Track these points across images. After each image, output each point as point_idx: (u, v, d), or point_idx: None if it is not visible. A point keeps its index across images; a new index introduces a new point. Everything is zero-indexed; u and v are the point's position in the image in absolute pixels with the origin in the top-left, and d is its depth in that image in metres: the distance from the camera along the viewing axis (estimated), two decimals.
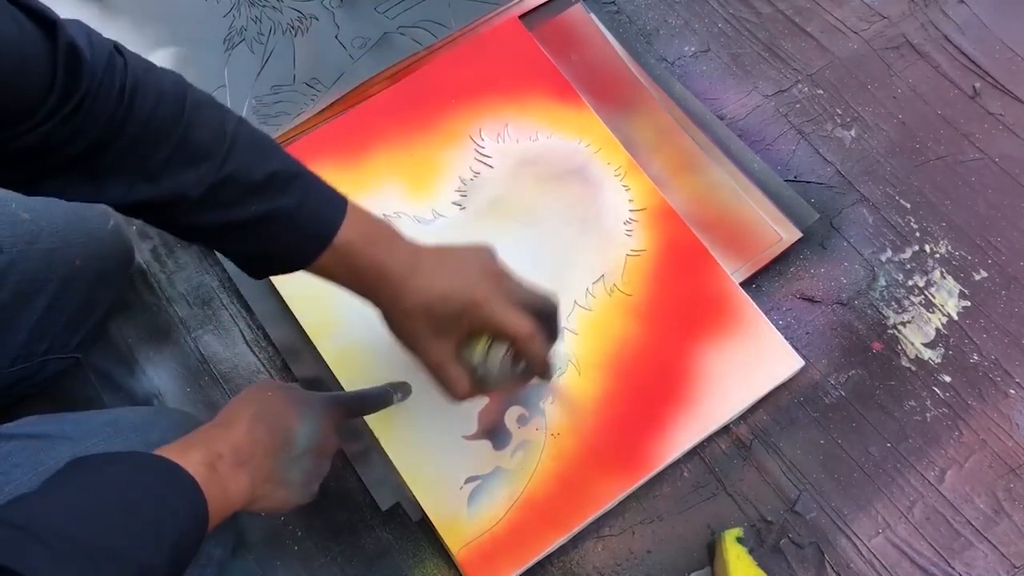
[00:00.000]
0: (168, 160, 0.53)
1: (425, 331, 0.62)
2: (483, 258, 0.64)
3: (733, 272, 0.84)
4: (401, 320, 0.62)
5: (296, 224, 0.57)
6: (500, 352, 0.63)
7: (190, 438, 0.57)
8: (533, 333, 0.62)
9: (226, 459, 0.56)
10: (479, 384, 0.65)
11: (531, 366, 0.64)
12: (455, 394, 0.64)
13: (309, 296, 0.81)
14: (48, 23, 0.48)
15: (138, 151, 0.52)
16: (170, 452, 0.53)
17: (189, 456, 0.53)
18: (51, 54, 0.48)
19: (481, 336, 0.63)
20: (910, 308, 0.85)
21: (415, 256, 0.62)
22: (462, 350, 0.64)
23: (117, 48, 0.53)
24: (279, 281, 0.83)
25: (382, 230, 0.62)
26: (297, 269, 0.60)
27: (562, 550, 0.76)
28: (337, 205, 0.59)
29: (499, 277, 0.64)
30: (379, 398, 0.74)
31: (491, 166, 0.88)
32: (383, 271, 0.60)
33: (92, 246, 0.76)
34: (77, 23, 0.52)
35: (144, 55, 0.55)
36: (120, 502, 0.47)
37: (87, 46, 0.50)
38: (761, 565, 0.73)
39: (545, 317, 0.66)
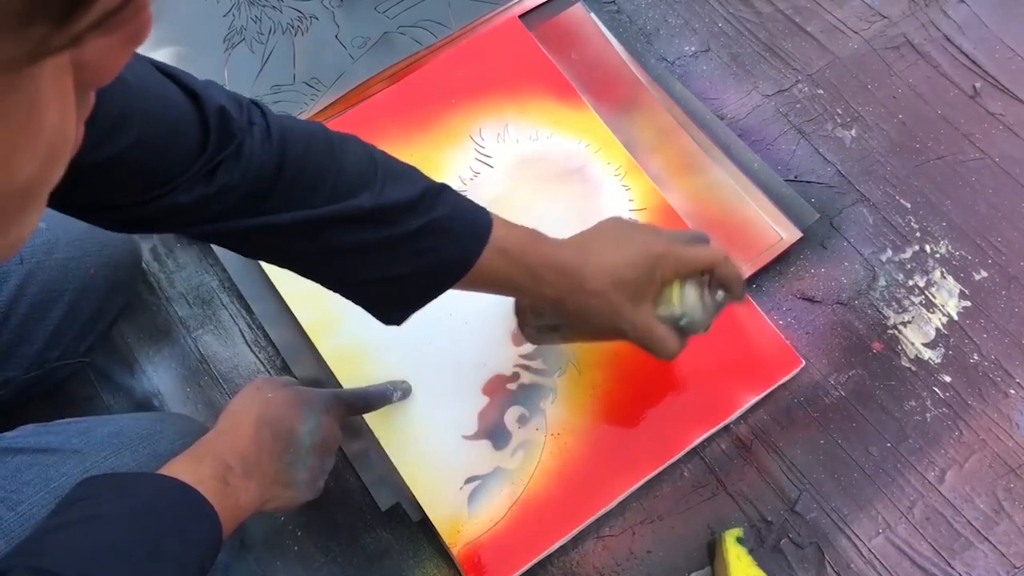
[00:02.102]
0: (330, 196, 0.54)
1: (622, 304, 0.62)
2: (627, 221, 0.66)
3: None
4: (593, 304, 0.62)
5: (453, 231, 0.58)
6: (695, 291, 0.64)
7: (199, 450, 0.57)
8: (725, 254, 0.64)
9: (236, 470, 0.56)
10: (684, 334, 0.66)
11: (731, 287, 0.65)
12: (670, 352, 0.65)
13: (309, 296, 0.81)
14: (191, 89, 0.50)
15: (299, 191, 0.53)
16: (182, 468, 0.54)
17: (201, 472, 0.53)
18: (200, 116, 0.50)
19: (671, 286, 0.64)
20: (910, 308, 0.85)
21: (573, 244, 0.63)
22: (656, 310, 0.65)
23: (254, 102, 0.54)
24: (279, 281, 0.83)
25: (532, 230, 0.62)
26: (457, 279, 0.60)
27: (562, 550, 0.76)
28: (483, 211, 0.60)
29: (653, 228, 0.66)
30: (380, 396, 0.74)
31: (491, 166, 0.88)
32: (558, 262, 0.61)
33: (105, 254, 0.76)
34: (213, 83, 0.53)
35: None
36: (144, 537, 0.48)
37: (230, 103, 0.52)
38: (761, 565, 0.73)
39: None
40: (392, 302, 0.61)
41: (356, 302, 0.61)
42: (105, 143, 0.45)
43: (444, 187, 0.59)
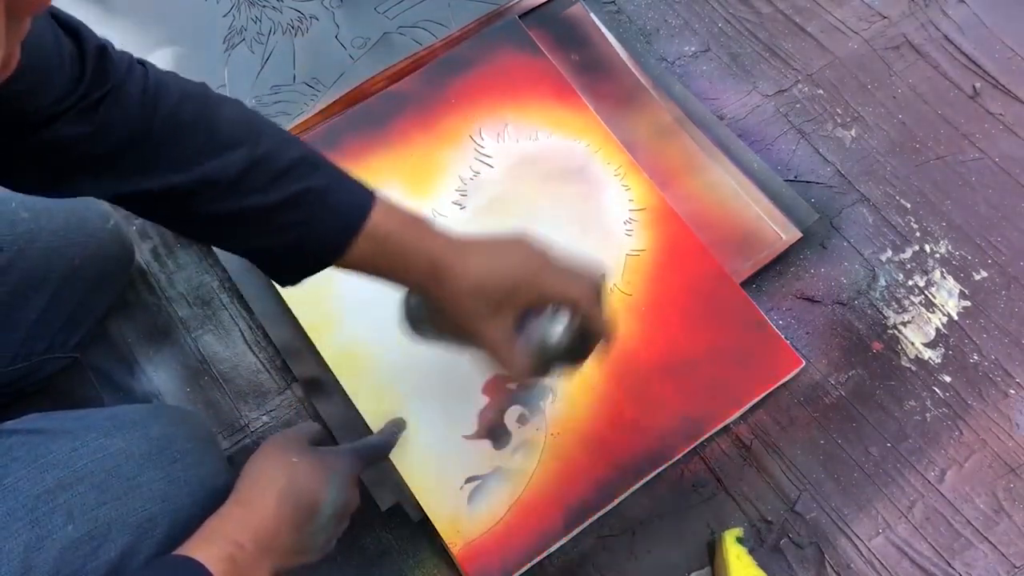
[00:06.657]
0: (199, 150, 0.54)
1: (479, 311, 0.60)
2: (527, 238, 0.64)
3: (733, 272, 0.84)
4: (452, 303, 0.61)
5: (327, 205, 0.57)
6: (560, 325, 0.62)
7: (212, 526, 0.57)
8: (591, 293, 0.62)
9: (248, 549, 0.55)
10: (543, 363, 0.64)
11: (594, 327, 0.64)
12: (515, 371, 0.63)
13: (309, 296, 0.81)
14: (72, 28, 0.51)
15: (168, 145, 0.54)
16: (191, 546, 0.54)
17: (209, 553, 0.53)
18: (79, 52, 0.51)
19: (542, 313, 0.63)
20: (910, 308, 0.85)
21: (457, 241, 0.61)
22: (523, 329, 0.63)
23: (138, 59, 0.55)
24: None
25: (416, 216, 0.61)
26: (331, 260, 0.59)
27: (562, 550, 0.76)
28: (365, 191, 0.59)
29: (546, 250, 0.64)
30: (388, 443, 0.74)
31: (491, 166, 0.88)
32: (428, 254, 0.59)
33: (91, 245, 0.76)
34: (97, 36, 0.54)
35: (144, 55, 0.57)
36: None
37: (112, 49, 0.53)
38: (761, 565, 0.73)
39: (593, 284, 0.66)
40: (278, 265, 0.61)
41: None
42: None
43: (324, 161, 0.58)
